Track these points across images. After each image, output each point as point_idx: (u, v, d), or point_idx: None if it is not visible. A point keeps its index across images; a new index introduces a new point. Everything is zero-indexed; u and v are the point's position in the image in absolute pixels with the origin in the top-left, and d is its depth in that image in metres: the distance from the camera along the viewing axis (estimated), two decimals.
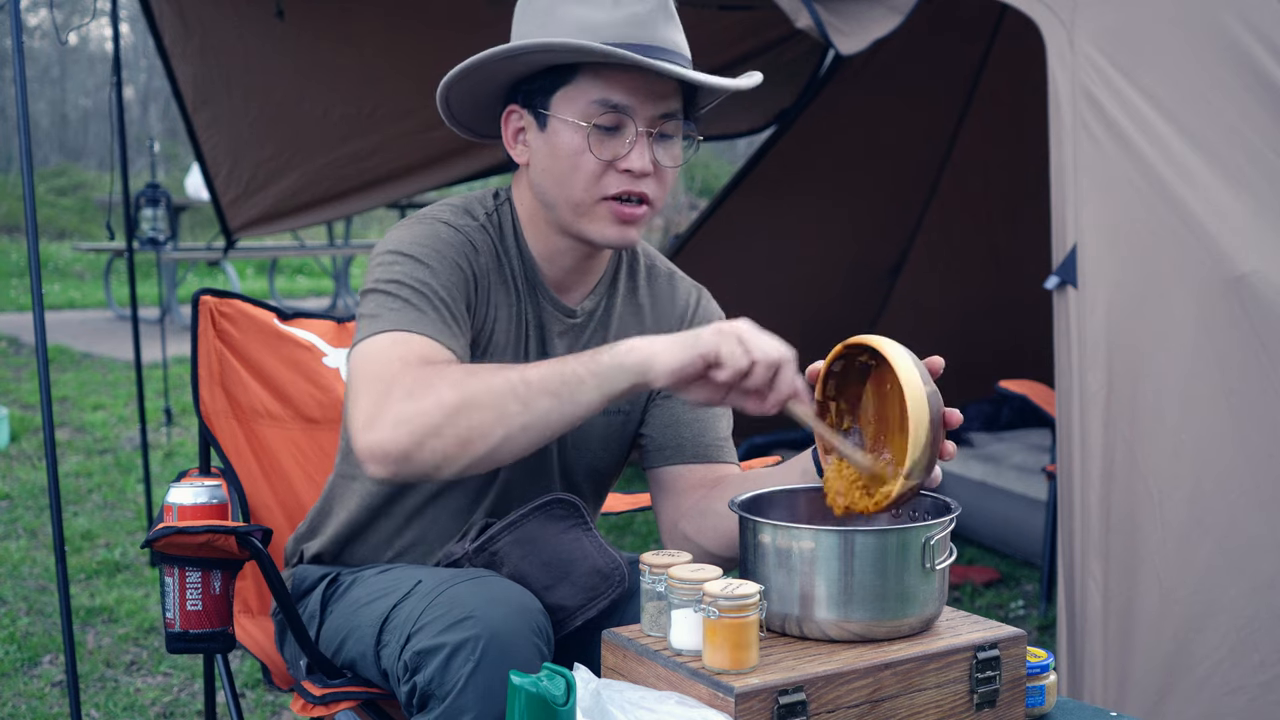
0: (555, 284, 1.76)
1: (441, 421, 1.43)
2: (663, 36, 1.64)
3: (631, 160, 1.64)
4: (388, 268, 1.62)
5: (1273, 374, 2.27)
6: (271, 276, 11.24)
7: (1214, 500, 2.30)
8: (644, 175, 1.65)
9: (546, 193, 1.69)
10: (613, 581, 1.67)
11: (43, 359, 2.56)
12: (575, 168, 1.64)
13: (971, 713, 1.47)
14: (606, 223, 1.67)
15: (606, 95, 1.62)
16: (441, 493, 1.77)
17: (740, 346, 1.42)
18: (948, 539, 1.50)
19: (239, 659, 3.23)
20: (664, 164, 1.67)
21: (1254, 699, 2.25)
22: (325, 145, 4.49)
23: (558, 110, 1.65)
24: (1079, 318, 2.37)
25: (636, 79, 1.62)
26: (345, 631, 1.74)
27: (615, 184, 1.64)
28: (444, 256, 1.64)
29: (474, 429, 1.43)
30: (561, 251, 1.74)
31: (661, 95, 1.65)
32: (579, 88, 1.63)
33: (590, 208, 1.66)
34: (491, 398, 1.43)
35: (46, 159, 16.92)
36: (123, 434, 5.90)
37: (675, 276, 1.90)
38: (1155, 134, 2.38)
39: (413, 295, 1.59)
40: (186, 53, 4.15)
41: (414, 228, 1.68)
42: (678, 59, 1.65)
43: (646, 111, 1.64)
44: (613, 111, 1.63)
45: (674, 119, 1.67)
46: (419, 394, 1.45)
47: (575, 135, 1.63)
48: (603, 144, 1.63)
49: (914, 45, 3.61)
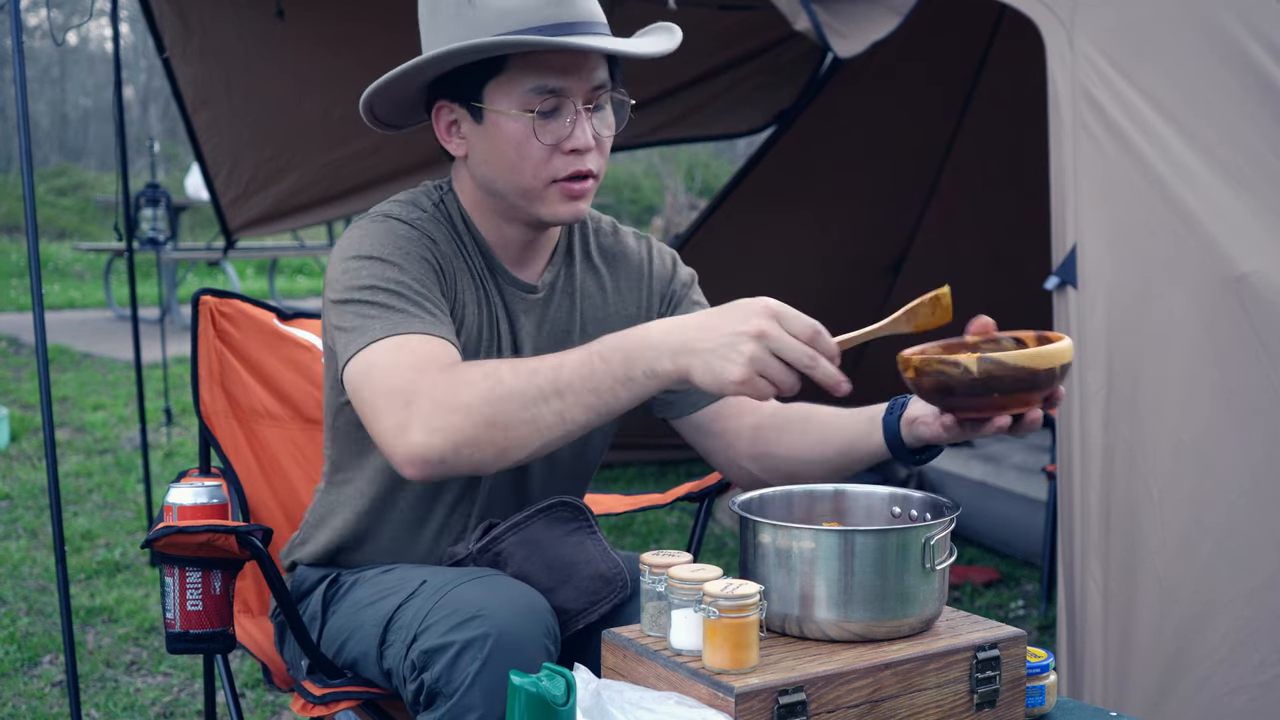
0: (512, 263, 1.76)
1: (478, 433, 1.43)
2: (580, 9, 1.63)
3: (576, 139, 1.63)
4: (355, 274, 1.61)
5: (1273, 374, 2.27)
6: (271, 276, 11.25)
7: (1214, 500, 2.30)
8: (587, 150, 1.65)
9: (493, 182, 1.69)
10: (615, 586, 1.67)
11: (43, 359, 2.56)
12: (522, 156, 1.64)
13: (971, 713, 1.47)
14: (557, 202, 1.67)
15: (543, 81, 1.62)
16: (434, 489, 1.77)
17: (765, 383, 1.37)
18: (948, 539, 1.50)
19: (239, 659, 3.23)
20: (603, 134, 1.68)
21: (1254, 699, 2.25)
22: (325, 145, 4.49)
23: (493, 102, 1.64)
24: (1079, 318, 2.37)
25: (568, 59, 1.62)
26: (347, 632, 1.73)
27: (564, 166, 1.65)
28: (408, 252, 1.64)
29: (511, 439, 1.44)
30: (510, 233, 1.74)
31: (591, 69, 1.65)
32: (512, 77, 1.62)
33: (541, 191, 1.66)
34: (524, 409, 1.43)
35: (46, 159, 16.93)
36: (123, 434, 5.90)
37: (619, 230, 1.90)
38: (1155, 134, 2.38)
39: (391, 298, 1.58)
40: (186, 53, 4.15)
41: (369, 229, 1.67)
42: (599, 28, 1.65)
43: (582, 88, 1.64)
44: (551, 95, 1.62)
45: (605, 88, 1.67)
46: (446, 401, 1.45)
47: (516, 125, 1.63)
48: (545, 129, 1.63)
49: (913, 45, 3.61)
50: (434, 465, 1.45)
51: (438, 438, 1.43)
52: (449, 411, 1.44)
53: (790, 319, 1.38)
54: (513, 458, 1.45)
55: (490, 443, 1.43)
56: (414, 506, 1.78)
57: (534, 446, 1.45)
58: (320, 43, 4.24)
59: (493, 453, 1.44)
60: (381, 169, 4.63)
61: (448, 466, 1.46)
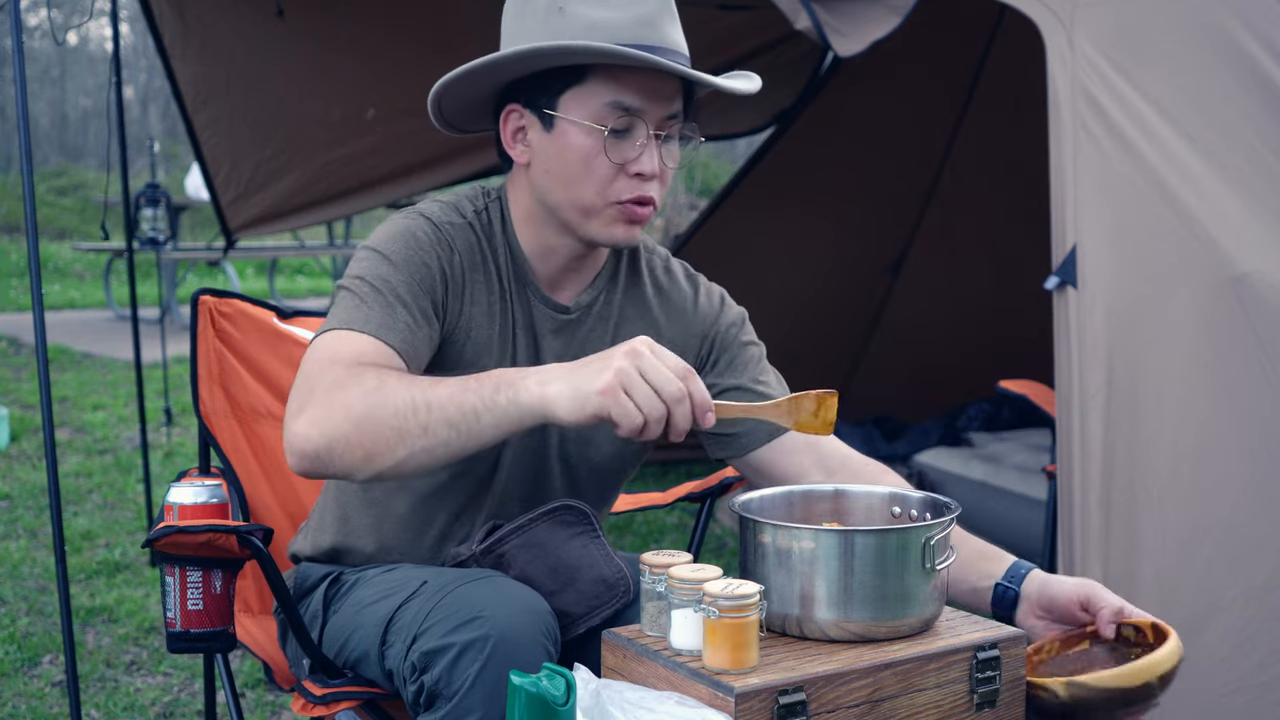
0: (547, 281, 1.75)
1: (349, 430, 1.44)
2: (668, 37, 1.63)
3: (643, 164, 1.63)
4: (359, 263, 1.64)
5: (1273, 374, 2.27)
6: (271, 276, 11.25)
7: (1214, 500, 2.30)
8: (652, 177, 1.65)
9: (551, 194, 1.67)
10: (618, 591, 1.67)
11: (43, 359, 2.56)
12: (588, 170, 1.63)
13: (971, 713, 1.47)
14: (615, 224, 1.66)
15: (620, 98, 1.61)
16: (439, 493, 1.77)
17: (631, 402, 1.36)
18: (948, 539, 1.50)
19: (239, 659, 3.23)
20: (668, 165, 1.67)
21: (1253, 699, 2.25)
22: (325, 145, 4.49)
23: (567, 111, 1.63)
24: (1079, 318, 2.37)
25: (648, 81, 1.61)
26: (348, 631, 1.73)
27: (627, 189, 1.64)
28: (411, 254, 1.64)
29: (377, 443, 1.43)
30: (556, 249, 1.73)
31: (668, 97, 1.64)
32: (590, 89, 1.61)
33: (600, 210, 1.65)
34: (394, 416, 1.43)
35: (46, 159, 16.93)
36: (123, 434, 5.90)
37: (672, 266, 1.88)
38: (1155, 134, 2.38)
39: (369, 292, 1.59)
40: (186, 53, 4.15)
41: (393, 224, 1.68)
42: (682, 59, 1.65)
43: (656, 114, 1.64)
44: (626, 114, 1.62)
45: (677, 120, 1.67)
46: (333, 398, 1.46)
47: (588, 138, 1.62)
48: (615, 147, 1.62)
49: (914, 45, 3.61)
50: (309, 459, 1.46)
51: (315, 430, 1.45)
52: (331, 408, 1.45)
53: (665, 353, 1.39)
54: (378, 465, 1.44)
55: (359, 444, 1.43)
56: (416, 509, 1.78)
57: (399, 455, 1.43)
58: (320, 43, 4.24)
59: (360, 455, 1.44)
60: (381, 169, 4.63)
61: (322, 463, 1.46)
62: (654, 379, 1.37)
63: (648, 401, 1.36)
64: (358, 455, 1.44)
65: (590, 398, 1.37)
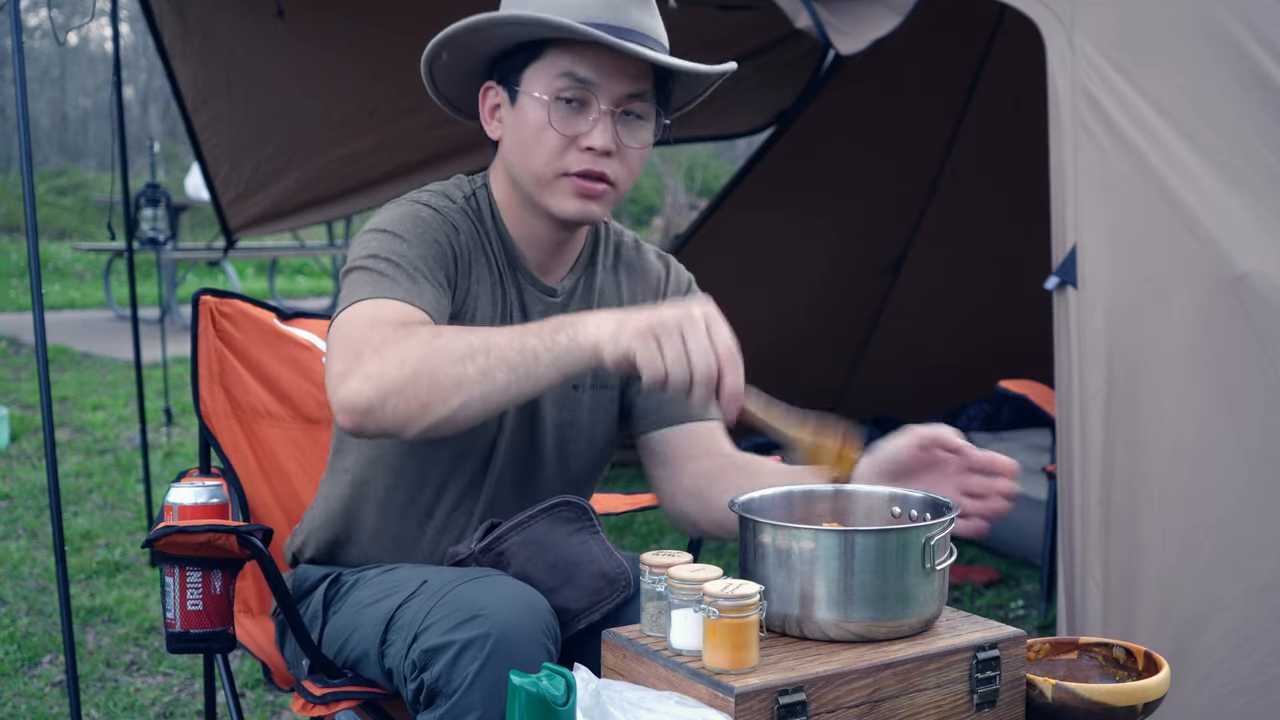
0: (535, 264, 1.78)
1: (405, 382, 1.44)
2: (635, 19, 1.65)
3: (593, 138, 1.65)
4: (364, 246, 1.65)
5: (1273, 374, 2.27)
6: (271, 276, 11.25)
7: (1214, 500, 2.30)
8: (605, 154, 1.66)
9: (513, 166, 1.71)
10: (618, 586, 1.67)
11: (43, 359, 2.56)
12: (538, 141, 1.66)
13: (971, 713, 1.47)
14: (566, 196, 1.68)
15: (572, 69, 1.64)
16: (435, 485, 1.77)
17: (659, 352, 1.37)
18: (948, 539, 1.50)
19: (239, 659, 3.23)
20: (628, 144, 1.68)
21: (1254, 699, 2.25)
22: (325, 145, 4.49)
23: (527, 85, 1.66)
24: (1079, 318, 2.37)
25: (604, 57, 1.63)
26: (348, 631, 1.74)
27: (576, 161, 1.66)
28: (422, 232, 1.66)
29: (433, 392, 1.43)
30: (538, 233, 1.75)
31: (630, 75, 1.66)
32: (547, 61, 1.65)
33: (551, 181, 1.67)
34: (451, 364, 1.43)
35: (46, 159, 16.93)
36: (123, 434, 5.90)
37: (642, 247, 1.91)
38: (1155, 134, 2.38)
39: (387, 267, 1.60)
40: (186, 53, 4.15)
41: (393, 210, 1.70)
42: (649, 42, 1.66)
43: (612, 90, 1.65)
44: (578, 85, 1.64)
45: (642, 100, 1.68)
46: (386, 352, 1.46)
47: (539, 109, 1.65)
48: (565, 119, 1.65)
49: (914, 45, 3.61)
50: (362, 414, 1.45)
51: (370, 385, 1.45)
52: (385, 361, 1.45)
53: (720, 330, 1.39)
54: (434, 415, 1.44)
55: (414, 395, 1.43)
56: (414, 501, 1.78)
57: (454, 404, 1.43)
58: (320, 43, 4.24)
59: (416, 406, 1.43)
60: (381, 169, 4.63)
61: (375, 418, 1.45)
62: (692, 345, 1.37)
63: (675, 360, 1.37)
64: (413, 406, 1.43)
65: (625, 335, 1.38)
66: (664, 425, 1.83)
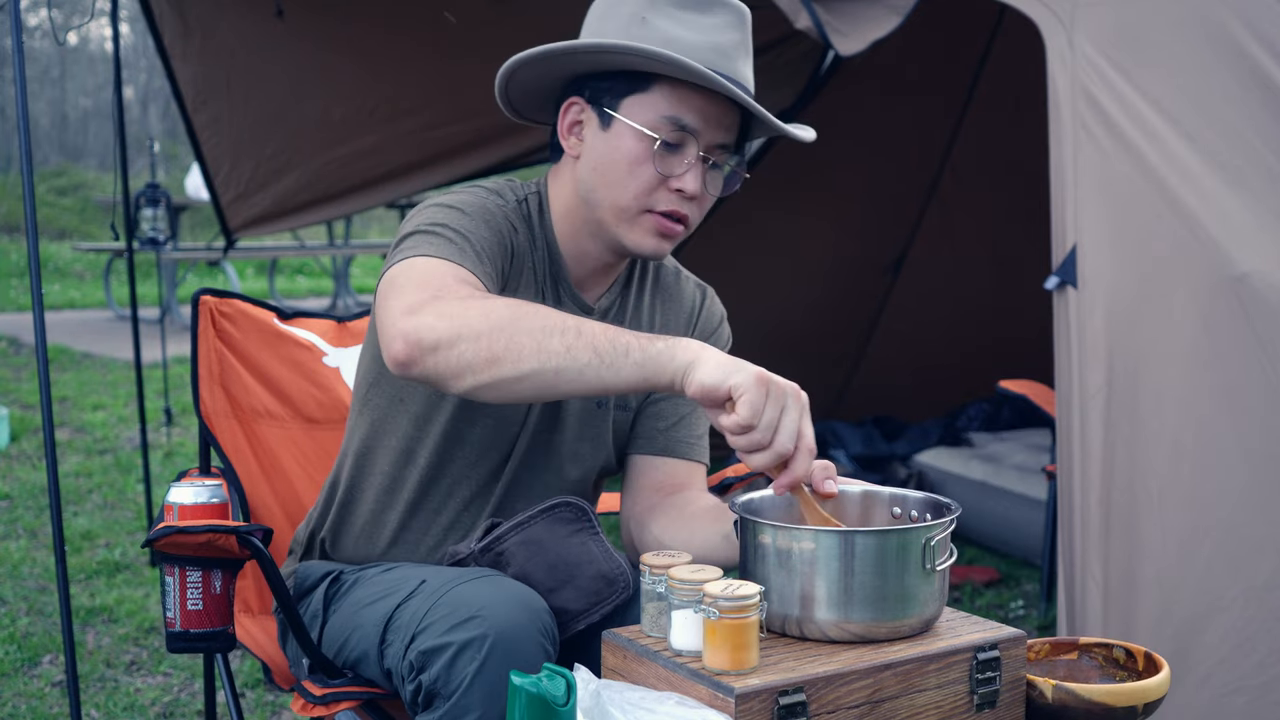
0: (576, 279, 1.79)
1: (483, 331, 1.42)
2: (739, 70, 1.68)
3: (686, 181, 1.66)
4: (433, 215, 1.64)
5: (1273, 374, 2.27)
6: (271, 276, 11.25)
7: (1214, 500, 2.30)
8: (692, 198, 1.67)
9: (593, 190, 1.70)
10: (617, 587, 1.67)
11: (43, 359, 2.56)
12: (632, 175, 1.66)
13: (972, 713, 1.47)
14: (646, 233, 1.69)
15: (678, 113, 1.65)
16: (449, 483, 1.77)
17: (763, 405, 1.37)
18: (948, 539, 1.50)
19: (239, 659, 3.23)
20: (709, 191, 1.70)
21: (1254, 699, 2.25)
22: (325, 145, 4.49)
23: (627, 114, 1.66)
24: (1079, 318, 2.37)
25: (708, 104, 1.65)
26: (348, 631, 1.74)
27: (664, 201, 1.67)
28: (488, 219, 1.67)
29: (510, 350, 1.42)
30: (589, 250, 1.76)
31: (725, 125, 1.68)
32: (653, 98, 1.65)
33: (635, 215, 1.68)
34: (539, 329, 1.42)
35: (46, 159, 16.93)
36: (123, 434, 5.90)
37: (681, 274, 1.92)
38: (1155, 134, 2.38)
39: (455, 236, 1.60)
40: (186, 53, 4.15)
41: (459, 194, 1.70)
42: (748, 94, 1.68)
43: (709, 137, 1.67)
44: (680, 131, 1.65)
45: (728, 150, 1.71)
46: (470, 302, 1.46)
47: (640, 144, 1.65)
48: (664, 159, 1.66)
49: (914, 45, 3.61)
50: (427, 349, 1.44)
51: (444, 323, 1.43)
52: (469, 308, 1.45)
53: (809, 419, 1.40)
54: (498, 373, 1.42)
55: (489, 346, 1.42)
56: (427, 496, 1.79)
57: (525, 368, 1.41)
58: (320, 43, 4.24)
59: (484, 356, 1.42)
60: (381, 169, 4.63)
61: (438, 357, 1.44)
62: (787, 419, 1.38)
63: (769, 423, 1.37)
64: (482, 355, 1.42)
65: (742, 374, 1.37)
66: (652, 452, 1.85)
